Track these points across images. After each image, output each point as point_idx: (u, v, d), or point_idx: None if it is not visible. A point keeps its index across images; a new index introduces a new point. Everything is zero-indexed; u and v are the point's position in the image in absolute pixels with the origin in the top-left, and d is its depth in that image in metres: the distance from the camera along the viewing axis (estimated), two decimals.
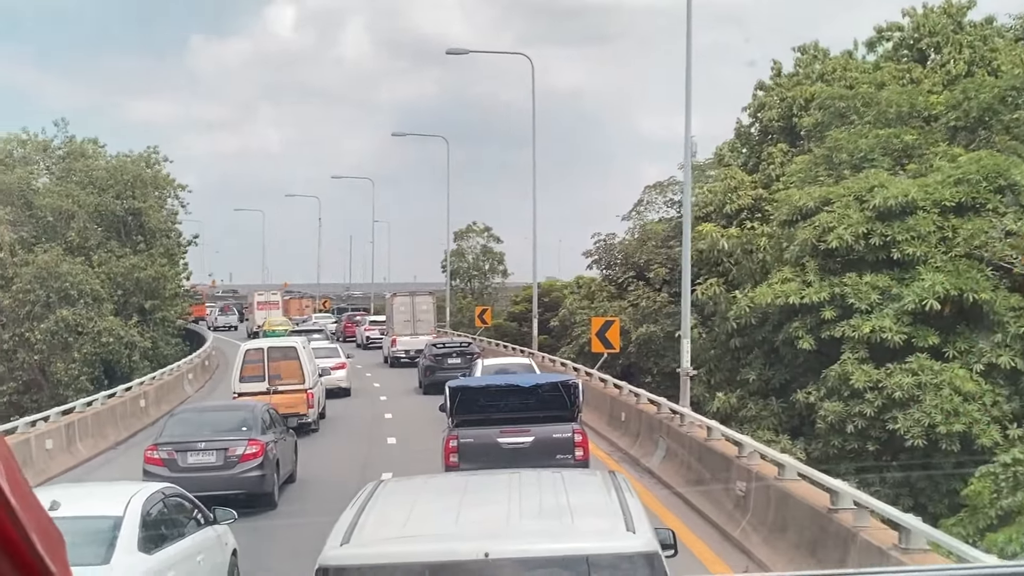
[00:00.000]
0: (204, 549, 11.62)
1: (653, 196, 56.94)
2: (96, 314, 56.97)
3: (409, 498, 7.64)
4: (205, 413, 21.92)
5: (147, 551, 10.32)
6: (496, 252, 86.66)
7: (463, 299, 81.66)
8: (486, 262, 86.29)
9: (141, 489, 11.46)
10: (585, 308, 47.14)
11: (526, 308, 61.02)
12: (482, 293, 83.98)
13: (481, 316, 53.50)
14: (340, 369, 36.89)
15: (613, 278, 48.80)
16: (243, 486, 17.86)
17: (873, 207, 26.56)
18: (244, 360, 27.98)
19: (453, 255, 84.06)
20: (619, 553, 6.20)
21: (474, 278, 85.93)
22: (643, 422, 25.43)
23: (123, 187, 62.88)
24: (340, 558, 6.14)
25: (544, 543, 6.34)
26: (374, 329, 62.72)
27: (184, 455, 18.21)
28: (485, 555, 5.96)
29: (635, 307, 44.98)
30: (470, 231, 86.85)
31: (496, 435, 17.11)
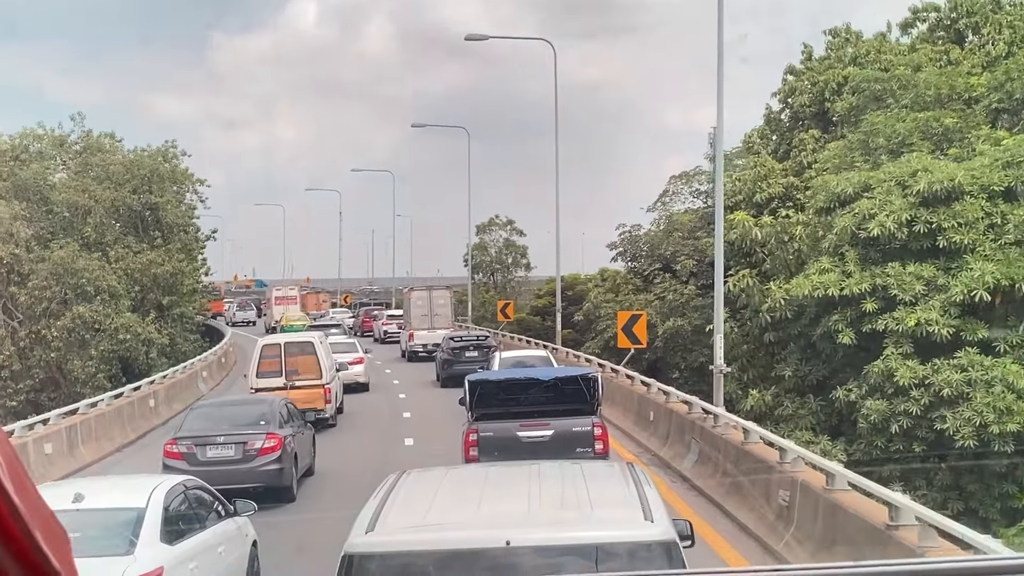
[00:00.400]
0: (225, 540, 11.77)
1: (679, 187, 55.29)
2: (113, 311, 55.86)
3: (431, 488, 7.65)
4: (224, 407, 21.82)
5: (169, 542, 10.40)
6: (519, 245, 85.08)
7: (486, 293, 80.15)
8: (509, 255, 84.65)
9: (163, 481, 11.54)
10: (610, 302, 45.54)
11: (549, 302, 59.48)
12: (505, 287, 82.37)
13: (503, 310, 51.95)
14: (358, 364, 36.44)
15: (639, 270, 47.19)
16: (262, 479, 17.89)
17: (917, 192, 24.88)
18: (261, 355, 27.78)
19: (476, 249, 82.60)
20: (638, 542, 6.24)
21: (497, 272, 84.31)
22: (673, 422, 23.88)
23: (140, 182, 61.68)
24: (365, 545, 6.24)
25: (564, 532, 6.39)
26: (391, 323, 62.08)
27: (203, 449, 18.29)
28: (506, 543, 6.03)
29: (661, 300, 43.36)
30: (492, 224, 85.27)
31: (516, 429, 16.94)
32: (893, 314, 24.16)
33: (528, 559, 6.10)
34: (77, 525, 9.23)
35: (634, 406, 27.97)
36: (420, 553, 6.28)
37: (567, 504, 7.11)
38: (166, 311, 60.70)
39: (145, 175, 62.01)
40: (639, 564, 6.08)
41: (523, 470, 8.65)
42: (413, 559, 6.27)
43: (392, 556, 6.26)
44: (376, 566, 6.22)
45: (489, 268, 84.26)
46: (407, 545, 6.34)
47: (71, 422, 26.04)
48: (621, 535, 6.34)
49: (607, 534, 6.36)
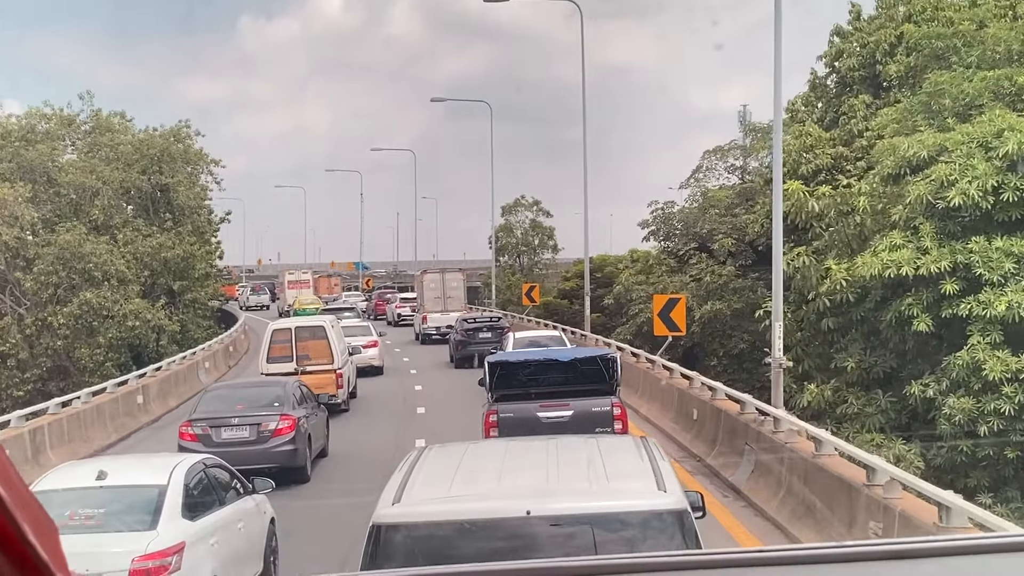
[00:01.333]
0: (244, 517, 11.83)
1: (713, 162, 51.52)
2: (121, 297, 52.83)
3: (453, 462, 7.80)
4: (238, 389, 22.00)
5: (191, 518, 10.47)
6: (545, 227, 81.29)
7: (511, 275, 76.56)
8: (535, 237, 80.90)
9: (184, 460, 11.63)
10: (642, 284, 41.85)
11: (577, 284, 55.87)
12: (531, 269, 78.68)
13: (529, 294, 48.23)
14: (372, 347, 35.69)
15: (672, 250, 43.44)
16: (276, 460, 17.71)
17: (1003, 155, 21.07)
18: (272, 340, 27.18)
19: (501, 230, 79.03)
20: (652, 511, 6.40)
21: (523, 254, 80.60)
22: (722, 424, 20.29)
23: (149, 162, 58.35)
24: (392, 516, 6.47)
25: (581, 502, 6.62)
26: (405, 307, 60.71)
27: (218, 430, 18.30)
28: (527, 513, 6.23)
29: (697, 282, 39.68)
30: (518, 205, 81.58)
31: (536, 409, 16.79)
32: (978, 297, 20.39)
33: (547, 528, 6.29)
34: (101, 502, 10.12)
35: (673, 402, 24.41)
36: (444, 523, 6.43)
37: (584, 476, 7.28)
38: (177, 297, 57.54)
39: (155, 155, 58.67)
40: (653, 533, 6.28)
41: (541, 444, 8.86)
42: (437, 528, 6.41)
43: (418, 526, 6.43)
44: (403, 535, 6.38)
45: (515, 250, 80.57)
46: (432, 516, 6.51)
47: (37, 424, 22.69)
48: (636, 504, 6.47)
49: (622, 504, 6.52)
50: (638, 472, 7.05)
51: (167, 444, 20.07)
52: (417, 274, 55.98)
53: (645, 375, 27.74)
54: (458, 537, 6.34)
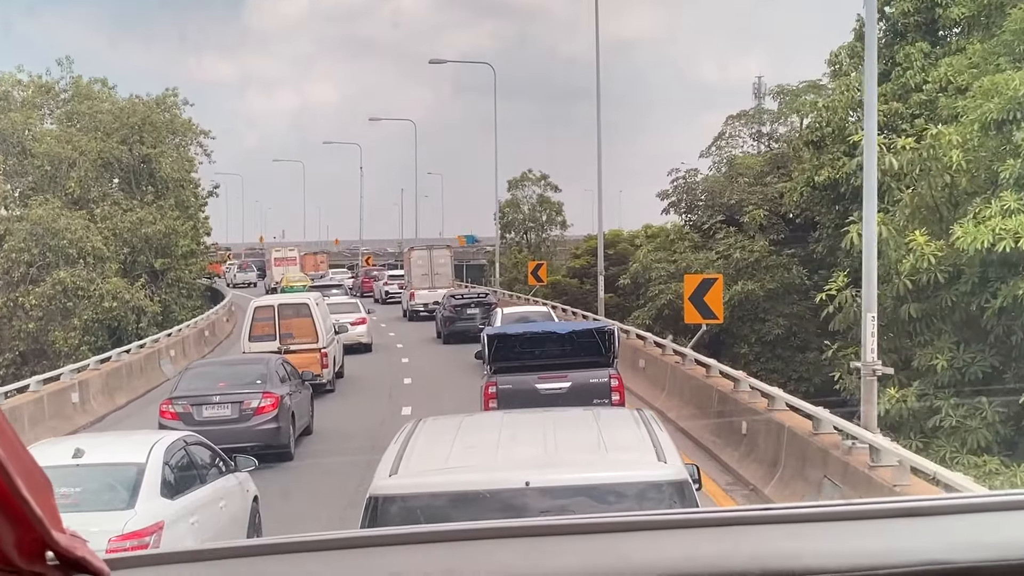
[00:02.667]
0: (226, 495, 11.35)
1: (737, 128, 46.14)
2: (98, 275, 47.82)
3: (449, 434, 7.61)
4: (220, 367, 21.20)
5: (170, 496, 10.11)
6: (554, 202, 75.83)
7: (518, 253, 71.22)
8: (543, 213, 75.44)
9: (163, 437, 11.28)
10: (662, 261, 36.45)
11: (588, 262, 50.54)
12: (539, 247, 73.30)
13: (536, 273, 42.78)
14: (361, 324, 34.35)
15: (696, 224, 38.03)
16: (259, 438, 17.09)
17: None
18: (254, 318, 25.71)
19: (507, 206, 73.69)
20: (652, 481, 6.24)
21: (530, 230, 75.16)
22: (785, 445, 15.06)
23: (130, 131, 53.02)
24: (389, 487, 6.27)
25: (581, 473, 6.45)
26: (393, 284, 59.01)
27: (199, 408, 17.60)
28: (526, 484, 6.04)
29: (725, 259, 34.37)
30: (525, 179, 76.07)
31: (534, 381, 16.62)
32: None
33: (546, 499, 6.09)
34: (78, 480, 9.62)
35: (712, 407, 19.26)
36: (442, 494, 6.26)
37: (582, 447, 7.23)
38: (160, 275, 52.37)
39: (136, 124, 53.31)
40: (653, 503, 6.07)
41: (538, 416, 8.86)
42: (435, 500, 6.24)
43: (415, 497, 6.25)
44: (400, 507, 6.20)
45: (522, 226, 75.13)
46: (429, 487, 6.33)
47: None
48: (636, 475, 6.31)
49: (622, 474, 6.35)
50: (637, 443, 6.83)
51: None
52: (405, 251, 55.04)
53: (673, 371, 22.47)
54: (456, 508, 6.19)
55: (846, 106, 29.88)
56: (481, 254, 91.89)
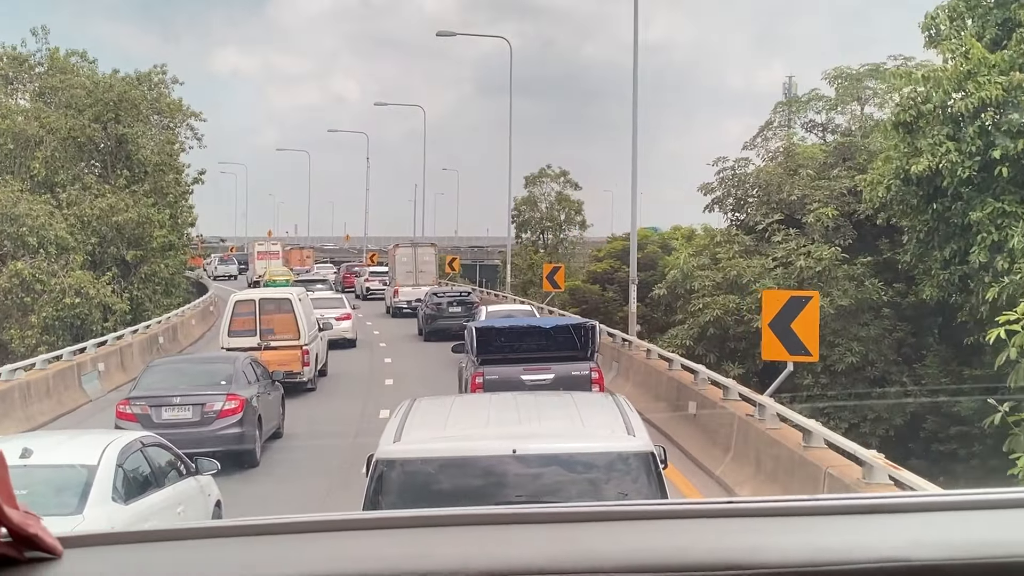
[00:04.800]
0: (185, 500, 10.71)
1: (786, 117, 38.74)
2: (60, 267, 40.96)
3: (444, 411, 8.02)
4: (183, 365, 19.74)
5: (122, 501, 9.43)
6: (573, 200, 68.45)
7: (534, 254, 63.98)
8: (561, 211, 68.07)
9: (118, 438, 10.46)
10: (705, 268, 29.05)
11: (611, 266, 43.27)
12: (556, 247, 66.00)
13: (551, 277, 35.41)
14: (345, 320, 33.22)
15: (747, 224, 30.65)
16: (221, 443, 15.63)
17: None
18: (233, 312, 24.37)
19: (523, 203, 66.44)
20: (622, 451, 6.75)
21: (547, 230, 67.79)
22: None
23: (104, 108, 45.98)
24: (394, 452, 6.72)
25: (561, 443, 6.97)
26: (374, 280, 58.07)
27: (159, 410, 16.18)
28: (513, 451, 6.55)
29: (785, 267, 27.14)
30: (543, 175, 68.74)
31: (520, 373, 16.86)
32: None
33: (530, 465, 6.65)
34: (24, 482, 8.58)
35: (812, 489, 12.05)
36: (439, 459, 6.71)
37: (561, 422, 7.74)
38: (132, 269, 45.35)
39: (112, 100, 46.26)
40: (622, 471, 6.66)
41: (523, 397, 9.28)
42: (433, 464, 6.69)
43: (416, 461, 6.71)
44: (400, 470, 6.65)
45: (538, 225, 67.77)
46: (429, 452, 6.78)
47: None
48: (608, 446, 6.80)
49: (597, 445, 6.87)
50: (610, 420, 7.24)
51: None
52: (390, 248, 53.32)
53: (744, 428, 15.17)
54: (452, 472, 6.65)
55: (954, 77, 22.54)
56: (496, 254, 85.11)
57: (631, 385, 22.27)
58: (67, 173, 45.29)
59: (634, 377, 22.35)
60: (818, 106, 37.50)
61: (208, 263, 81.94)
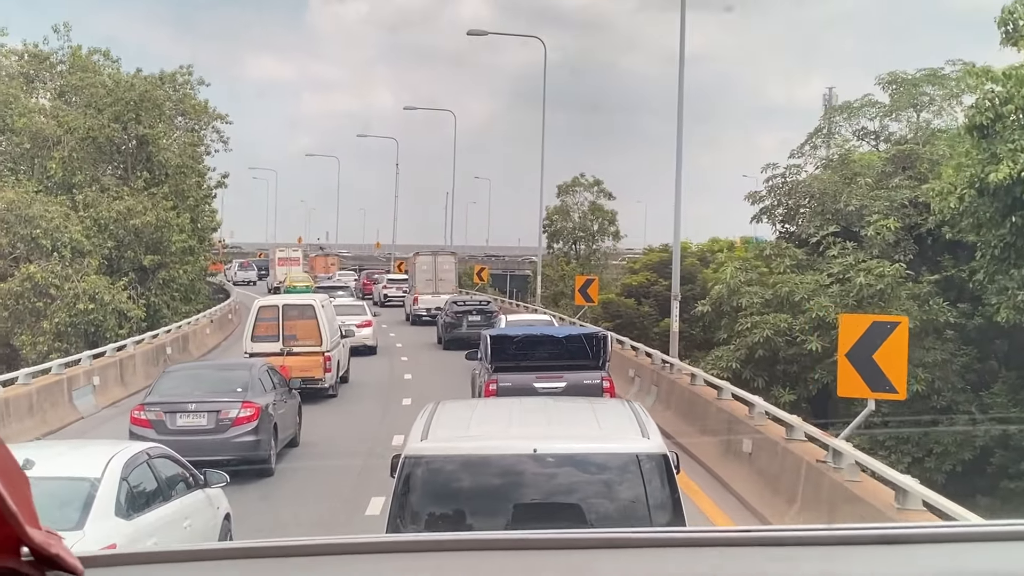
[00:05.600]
0: (192, 513, 10.29)
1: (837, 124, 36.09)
2: (75, 271, 38.99)
3: (467, 413, 8.43)
4: (200, 371, 18.84)
5: (126, 516, 9.04)
6: (607, 211, 65.82)
7: (566, 265, 61.48)
8: (594, 221, 65.47)
9: (123, 449, 9.94)
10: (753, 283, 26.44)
11: (647, 279, 40.71)
12: (588, 258, 63.47)
13: (584, 290, 32.88)
14: (366, 327, 32.78)
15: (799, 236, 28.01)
16: (236, 451, 15.29)
17: None
18: (257, 318, 23.90)
19: (555, 213, 63.93)
20: (636, 453, 6.92)
21: (579, 240, 65.24)
22: None
23: (124, 107, 43.92)
24: (422, 449, 6.93)
25: (578, 444, 7.19)
26: (392, 287, 58.08)
27: (173, 417, 15.72)
28: (534, 451, 6.78)
29: (842, 284, 24.50)
30: (576, 184, 66.18)
31: (532, 380, 17.05)
32: None
33: (549, 464, 6.87)
34: None
35: None
36: (464, 456, 6.94)
37: (579, 425, 7.99)
38: (149, 274, 43.27)
39: (133, 100, 44.20)
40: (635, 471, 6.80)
41: (542, 401, 10.34)
42: (458, 461, 6.92)
43: (442, 459, 6.92)
44: (428, 467, 6.85)
45: (571, 236, 65.20)
46: (455, 450, 7.01)
47: None
48: (623, 447, 7.00)
49: (613, 446, 7.07)
50: (625, 424, 7.44)
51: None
52: (410, 256, 53.28)
53: (816, 476, 12.64)
54: (473, 468, 6.85)
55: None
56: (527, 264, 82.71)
57: (672, 413, 19.77)
58: (85, 174, 43.33)
59: (676, 405, 19.82)
60: (871, 112, 34.86)
61: (228, 268, 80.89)
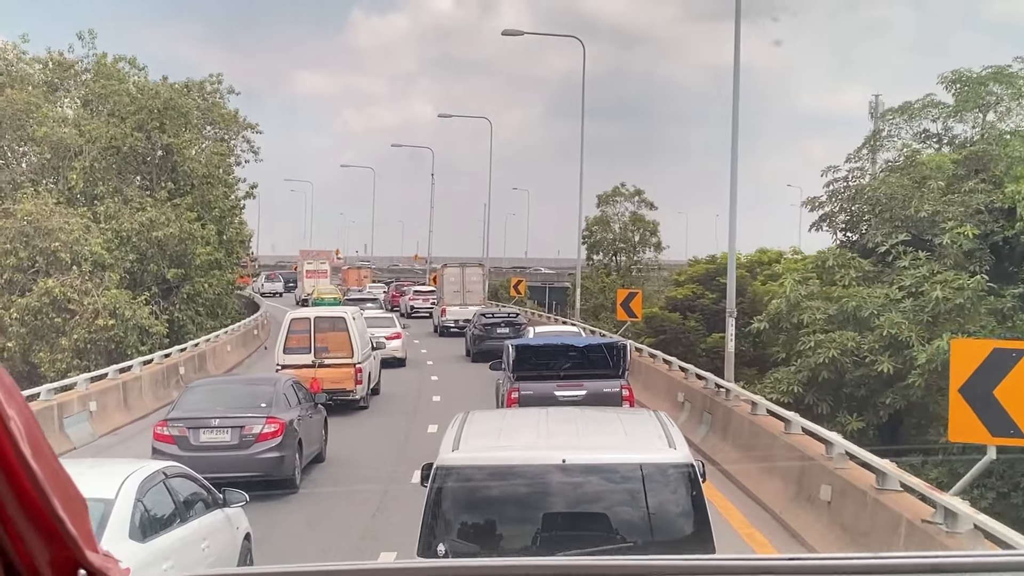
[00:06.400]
0: (211, 534, 9.92)
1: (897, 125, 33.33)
2: (95, 286, 37.08)
3: (497, 423, 8.70)
4: (224, 386, 18.50)
5: (140, 538, 8.72)
6: (648, 221, 63.22)
7: (606, 277, 58.95)
8: (635, 232, 62.86)
9: (138, 468, 9.53)
10: (814, 297, 23.75)
11: (692, 292, 38.11)
12: (629, 270, 60.85)
13: (627, 304, 30.32)
14: (396, 339, 32.89)
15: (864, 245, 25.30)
16: (260, 468, 14.99)
17: None
18: (289, 330, 23.85)
19: (595, 223, 61.43)
20: (663, 463, 6.99)
21: (620, 251, 62.63)
22: None
23: (148, 115, 41.95)
24: (454, 459, 7.00)
25: (606, 454, 7.27)
26: (418, 299, 58.09)
27: (196, 432, 15.36)
28: (563, 461, 6.82)
29: (914, 298, 21.78)
30: (616, 194, 63.66)
31: (553, 389, 17.26)
32: None
33: (578, 474, 6.90)
34: None
35: None
36: (495, 467, 7.06)
37: (607, 435, 8.15)
38: (173, 289, 41.22)
39: (157, 108, 42.24)
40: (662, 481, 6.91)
41: (570, 412, 10.29)
42: (489, 471, 7.02)
43: (473, 468, 7.00)
44: (459, 476, 6.90)
45: (611, 247, 62.63)
46: (485, 460, 7.13)
47: None
48: (651, 457, 7.06)
49: (640, 456, 7.10)
50: (653, 434, 7.56)
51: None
52: (439, 267, 53.59)
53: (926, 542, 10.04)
54: (506, 478, 6.95)
55: None
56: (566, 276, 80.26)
57: (730, 446, 17.21)
58: (107, 185, 41.40)
59: (735, 437, 17.23)
60: (933, 113, 32.06)
61: (254, 281, 79.99)
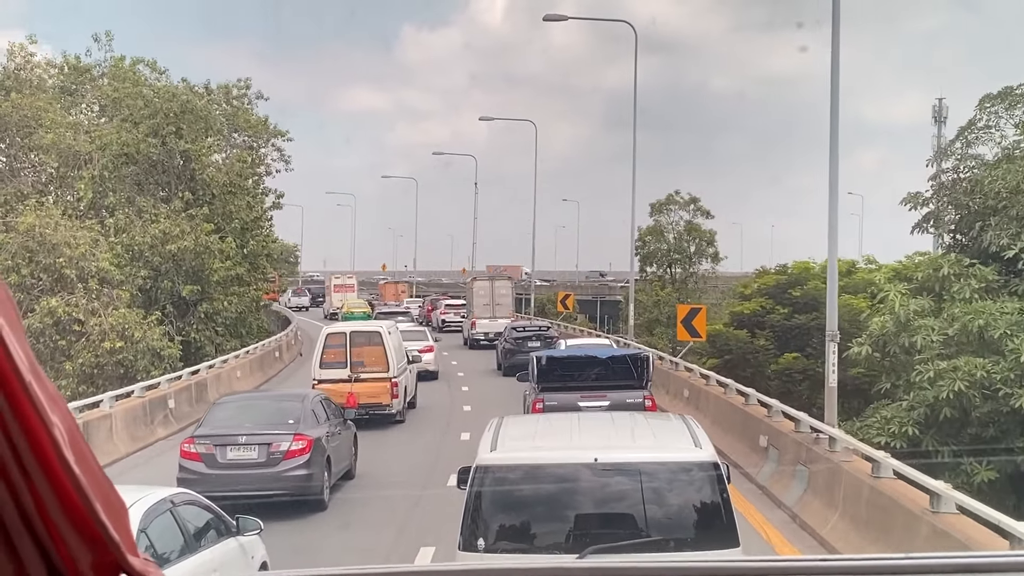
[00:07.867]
0: (222, 564, 9.39)
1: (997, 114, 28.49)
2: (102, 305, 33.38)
3: (531, 426, 9.27)
4: (252, 402, 18.44)
5: None
6: (704, 231, 58.39)
7: (660, 290, 54.28)
8: (691, 243, 58.05)
9: (144, 497, 8.94)
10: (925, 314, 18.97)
11: (761, 306, 33.42)
12: (685, 282, 56.13)
13: (688, 323, 25.67)
14: (428, 352, 32.41)
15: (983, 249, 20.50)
16: (288, 486, 14.71)
17: None
18: (325, 345, 23.76)
19: (649, 233, 56.76)
20: (690, 461, 7.35)
21: (675, 263, 57.85)
22: None
23: (163, 120, 38.11)
24: (492, 459, 7.38)
25: (636, 454, 7.69)
26: (449, 312, 58.68)
27: (223, 450, 15.01)
28: (595, 460, 7.24)
29: None
30: (671, 203, 58.86)
31: (577, 399, 17.14)
32: None
33: (609, 472, 7.30)
34: None
35: None
36: (531, 465, 7.42)
37: (636, 436, 8.54)
38: (191, 307, 37.29)
39: (173, 112, 38.41)
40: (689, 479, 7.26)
41: (599, 415, 10.90)
42: (526, 470, 7.38)
43: (511, 467, 7.39)
44: (498, 474, 7.28)
45: (665, 258, 57.86)
46: (522, 459, 7.51)
47: None
48: (678, 456, 7.47)
49: (667, 455, 7.55)
50: (679, 435, 7.93)
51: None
52: (468, 281, 54.28)
53: None
54: (541, 476, 7.31)
55: None
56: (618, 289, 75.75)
57: (842, 519, 12.65)
58: (119, 195, 37.64)
59: (851, 507, 12.57)
60: None
61: (282, 295, 78.75)
